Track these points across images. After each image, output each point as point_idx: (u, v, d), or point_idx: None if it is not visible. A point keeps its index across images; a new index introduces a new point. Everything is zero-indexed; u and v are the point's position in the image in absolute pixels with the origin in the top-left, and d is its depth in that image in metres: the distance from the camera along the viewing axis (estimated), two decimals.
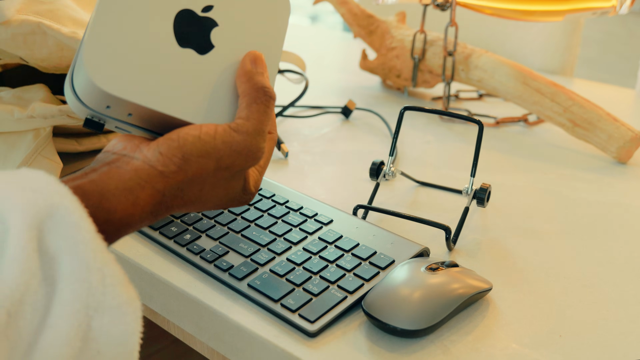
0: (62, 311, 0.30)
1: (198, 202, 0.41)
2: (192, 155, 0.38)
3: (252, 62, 0.42)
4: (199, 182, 0.39)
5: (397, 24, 0.93)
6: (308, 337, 0.42)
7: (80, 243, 0.31)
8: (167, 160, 0.38)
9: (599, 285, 0.48)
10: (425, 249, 0.49)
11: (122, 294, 0.32)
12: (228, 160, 0.39)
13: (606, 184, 0.65)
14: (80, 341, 0.30)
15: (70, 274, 0.30)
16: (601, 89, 1.00)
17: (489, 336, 0.42)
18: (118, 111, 0.39)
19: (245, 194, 0.43)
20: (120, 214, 0.36)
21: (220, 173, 0.40)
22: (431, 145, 0.75)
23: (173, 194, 0.38)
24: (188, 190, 0.39)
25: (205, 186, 0.40)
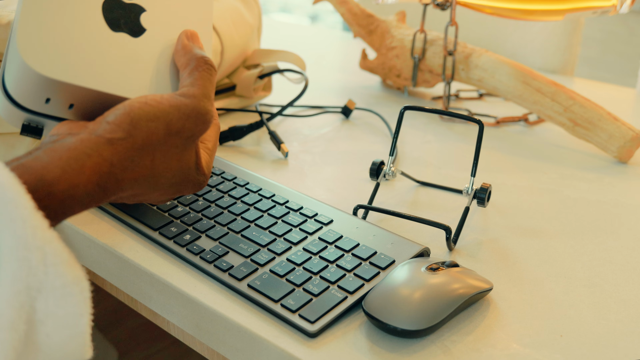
0: (2, 293, 0.28)
1: (151, 177, 0.39)
2: (140, 120, 0.37)
3: (189, 38, 0.43)
4: (149, 151, 0.38)
5: (397, 24, 0.93)
6: (308, 338, 0.41)
7: (17, 219, 0.29)
8: (114, 127, 0.36)
9: (600, 285, 0.48)
10: (426, 249, 0.49)
11: (66, 274, 0.30)
12: (178, 124, 0.38)
13: (607, 184, 0.65)
14: (24, 324, 0.29)
15: (8, 253, 0.29)
16: (602, 88, 1.00)
17: (490, 336, 0.42)
18: (58, 104, 0.38)
19: (199, 174, 0.42)
20: (64, 184, 0.34)
21: (171, 140, 0.38)
22: (431, 145, 0.74)
23: (123, 164, 0.37)
24: (139, 159, 0.37)
25: (157, 155, 0.38)
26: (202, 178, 0.43)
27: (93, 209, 0.57)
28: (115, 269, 0.52)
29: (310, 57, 1.04)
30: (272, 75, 0.81)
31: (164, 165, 0.39)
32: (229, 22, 0.77)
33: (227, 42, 0.75)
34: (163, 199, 0.43)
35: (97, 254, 0.53)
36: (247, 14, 0.83)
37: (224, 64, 0.76)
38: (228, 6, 0.79)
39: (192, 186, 0.42)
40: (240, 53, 0.80)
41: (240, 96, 0.81)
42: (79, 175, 0.34)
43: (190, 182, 0.42)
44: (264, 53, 0.83)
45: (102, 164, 0.35)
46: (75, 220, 0.55)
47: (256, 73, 0.79)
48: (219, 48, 0.74)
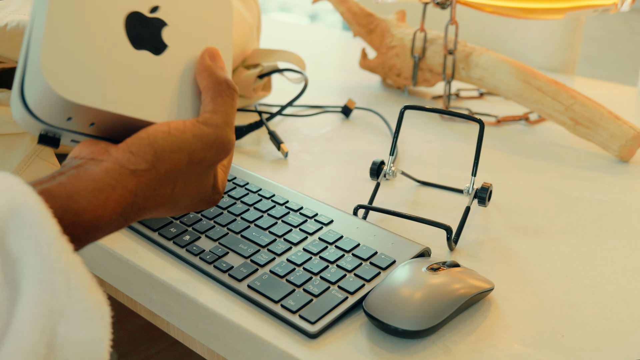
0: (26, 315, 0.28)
1: (170, 203, 0.39)
2: (164, 151, 0.37)
3: (211, 58, 0.42)
4: (171, 181, 0.38)
5: (397, 23, 0.92)
6: (309, 338, 0.41)
7: (43, 243, 0.30)
8: (138, 159, 0.37)
9: (602, 285, 0.48)
10: (427, 249, 0.49)
11: (88, 299, 0.30)
12: (200, 154, 0.39)
13: (608, 183, 0.65)
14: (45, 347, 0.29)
15: (33, 275, 0.29)
16: (603, 87, 0.99)
17: (491, 336, 0.42)
18: (80, 122, 0.38)
19: (214, 193, 0.42)
20: (89, 215, 0.34)
21: (193, 168, 0.39)
22: (432, 145, 0.74)
23: (145, 194, 0.37)
24: (161, 189, 0.38)
25: (178, 184, 0.39)
26: (217, 197, 0.43)
27: None
28: (114, 270, 0.52)
29: (310, 57, 1.04)
30: (272, 75, 0.81)
31: (183, 192, 0.40)
32: None
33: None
34: (175, 214, 0.44)
35: (96, 255, 0.53)
36: (247, 13, 0.83)
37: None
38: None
39: (207, 204, 0.43)
40: (239, 53, 0.79)
41: (239, 96, 0.81)
42: (104, 207, 0.35)
43: (205, 201, 0.42)
44: (264, 53, 0.82)
45: (126, 196, 0.36)
46: None
47: (256, 73, 0.79)
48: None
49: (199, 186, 0.41)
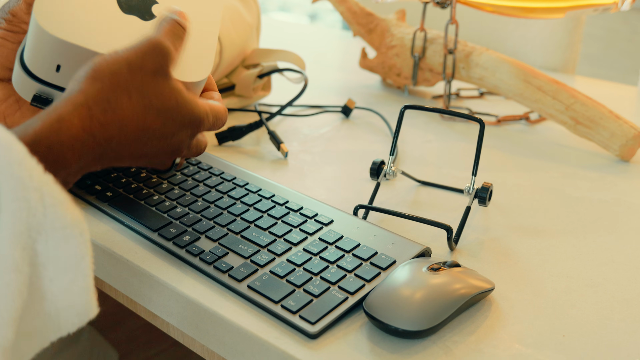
0: (5, 234, 0.29)
1: (136, 121, 0.40)
2: (101, 66, 0.39)
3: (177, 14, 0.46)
4: (121, 90, 0.39)
5: (396, 22, 0.92)
6: (309, 339, 0.41)
7: (13, 163, 0.30)
8: (81, 78, 0.39)
9: (603, 285, 0.48)
10: (427, 249, 0.49)
11: (64, 216, 0.31)
12: (137, 61, 0.40)
13: (609, 182, 0.65)
14: (28, 266, 0.29)
15: (8, 194, 0.30)
16: (603, 87, 0.99)
17: (492, 337, 0.42)
18: (68, 72, 0.42)
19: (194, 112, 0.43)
20: (46, 132, 0.35)
21: (138, 76, 0.40)
22: (432, 144, 0.74)
23: (100, 106, 0.38)
24: (114, 99, 0.39)
25: (133, 94, 0.40)
26: (199, 116, 0.44)
27: (92, 210, 0.56)
28: (114, 271, 0.52)
29: (310, 57, 1.04)
30: (272, 74, 0.81)
31: (143, 102, 0.40)
32: (227, 21, 0.77)
33: (226, 42, 0.75)
34: (166, 150, 0.44)
35: (96, 255, 0.53)
36: (246, 13, 0.82)
37: (222, 63, 0.76)
38: (227, 5, 0.79)
39: (191, 126, 0.43)
40: (239, 53, 0.79)
41: (239, 96, 0.81)
42: (58, 122, 0.36)
43: (187, 124, 0.43)
44: (263, 52, 0.82)
45: (79, 109, 0.37)
46: None
47: (255, 73, 0.79)
48: (217, 48, 0.74)
49: (161, 96, 0.41)
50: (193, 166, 0.61)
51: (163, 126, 0.42)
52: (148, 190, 0.57)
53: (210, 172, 0.60)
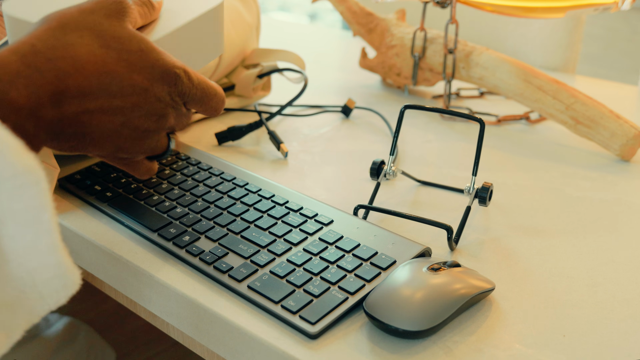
0: None
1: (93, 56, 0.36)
2: (52, 13, 0.37)
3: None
4: (70, 29, 0.36)
5: (396, 22, 0.92)
6: (309, 339, 0.41)
7: None
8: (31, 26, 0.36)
9: (603, 284, 0.48)
10: (427, 249, 0.49)
11: (16, 163, 0.27)
12: (88, 5, 0.37)
13: (609, 182, 0.65)
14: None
15: None
16: (604, 86, 0.99)
17: (492, 337, 0.42)
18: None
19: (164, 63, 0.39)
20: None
21: (89, 17, 0.37)
22: (432, 144, 0.74)
23: (46, 43, 0.35)
24: (63, 36, 0.35)
25: (85, 32, 0.36)
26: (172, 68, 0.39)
27: (91, 210, 0.56)
28: (114, 271, 0.52)
29: (310, 56, 1.04)
30: (272, 74, 0.81)
31: (98, 42, 0.36)
32: (227, 21, 0.76)
33: (225, 42, 0.75)
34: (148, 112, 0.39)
35: (96, 255, 0.53)
36: (246, 13, 0.82)
37: (222, 63, 0.76)
38: (226, 5, 0.79)
39: (165, 80, 0.39)
40: (239, 53, 0.79)
41: (239, 96, 0.81)
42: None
43: (158, 76, 0.39)
44: (263, 52, 0.82)
45: (19, 46, 0.34)
46: (73, 222, 0.55)
47: (255, 72, 0.79)
48: None
49: (120, 40, 0.37)
50: (193, 166, 0.61)
51: (130, 72, 0.37)
52: (148, 191, 0.57)
53: (210, 172, 0.60)
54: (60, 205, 0.58)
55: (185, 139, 0.72)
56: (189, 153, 0.64)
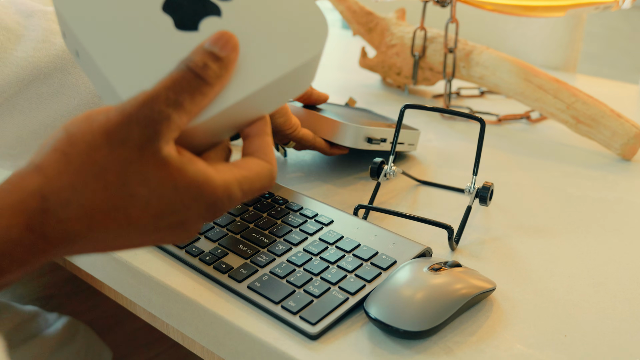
0: None
1: (114, 211, 0.29)
2: (78, 133, 0.29)
3: (213, 42, 0.33)
4: (94, 174, 0.29)
5: (396, 21, 0.92)
6: (309, 340, 0.41)
7: None
8: (46, 148, 0.29)
9: (604, 284, 0.47)
10: (428, 249, 0.48)
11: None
12: (121, 131, 0.29)
13: (610, 181, 0.65)
14: None
15: None
16: (604, 85, 0.99)
17: (493, 337, 0.42)
18: (69, 41, 0.36)
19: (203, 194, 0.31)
20: None
21: (119, 152, 0.29)
22: (432, 144, 0.74)
23: (61, 197, 0.28)
24: (83, 188, 0.29)
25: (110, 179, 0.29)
26: (214, 200, 0.31)
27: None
28: (113, 272, 0.52)
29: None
30: None
31: (125, 191, 0.29)
32: None
33: None
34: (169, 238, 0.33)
35: (95, 256, 0.53)
36: None
37: None
38: None
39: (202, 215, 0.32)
40: None
41: None
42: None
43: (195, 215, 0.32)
44: None
45: (27, 200, 0.27)
46: None
47: None
48: None
49: (152, 185, 0.30)
50: None
51: (158, 220, 0.31)
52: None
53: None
54: None
55: None
56: None
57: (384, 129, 0.63)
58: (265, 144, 0.36)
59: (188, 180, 0.31)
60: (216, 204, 0.32)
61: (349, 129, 0.61)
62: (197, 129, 0.33)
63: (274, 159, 0.35)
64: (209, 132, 0.34)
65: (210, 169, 0.32)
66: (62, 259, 0.62)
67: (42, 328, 0.76)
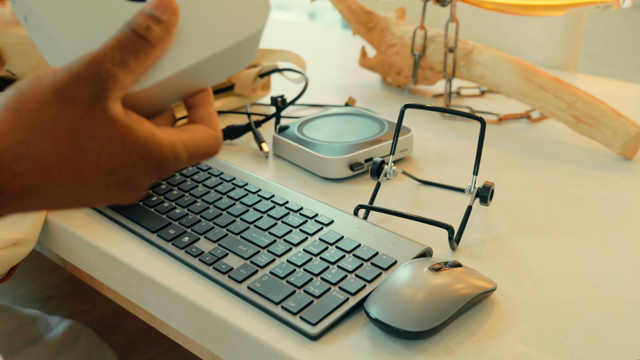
0: None
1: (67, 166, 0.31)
2: (29, 90, 0.31)
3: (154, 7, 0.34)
4: (47, 129, 0.30)
5: (396, 21, 0.92)
6: (309, 340, 0.41)
7: None
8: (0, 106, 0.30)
9: (605, 284, 0.47)
10: (428, 249, 0.48)
11: None
12: (70, 89, 0.31)
13: (611, 181, 0.65)
14: None
15: None
16: (605, 84, 0.99)
17: (494, 337, 0.41)
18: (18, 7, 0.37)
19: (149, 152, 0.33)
20: None
21: (69, 109, 0.31)
22: (433, 143, 0.74)
23: (14, 150, 0.29)
24: (36, 142, 0.30)
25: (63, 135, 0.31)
26: (160, 159, 0.33)
27: (90, 211, 0.56)
28: (113, 273, 0.51)
29: (309, 55, 1.03)
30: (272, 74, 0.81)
31: (76, 147, 0.31)
32: None
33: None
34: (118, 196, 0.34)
35: (95, 257, 0.53)
36: None
37: None
38: None
39: (149, 174, 0.33)
40: None
41: (238, 95, 0.81)
42: None
43: (142, 172, 0.33)
44: (264, 53, 0.82)
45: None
46: (72, 223, 0.55)
47: (255, 72, 0.79)
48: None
49: (102, 141, 0.31)
50: (192, 167, 0.61)
51: (108, 176, 0.32)
52: (147, 192, 0.57)
53: (209, 173, 0.59)
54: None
55: None
56: None
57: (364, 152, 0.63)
58: (210, 112, 0.38)
59: (135, 138, 0.32)
60: (162, 163, 0.34)
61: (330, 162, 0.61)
62: (142, 94, 0.35)
63: (219, 127, 0.38)
64: (154, 98, 0.36)
65: (156, 129, 0.34)
66: (61, 259, 0.62)
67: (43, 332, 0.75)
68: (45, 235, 0.58)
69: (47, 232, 0.57)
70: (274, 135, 0.68)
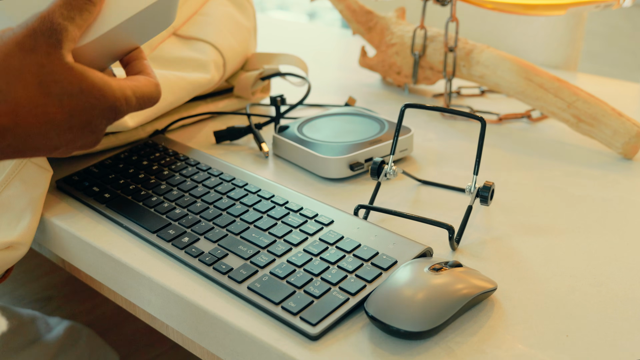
0: None
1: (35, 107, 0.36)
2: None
3: None
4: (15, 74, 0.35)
5: (396, 20, 0.92)
6: (310, 340, 0.41)
7: None
8: None
9: (606, 284, 0.47)
10: (428, 249, 0.48)
11: None
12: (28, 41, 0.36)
13: (612, 181, 0.64)
14: None
15: None
16: (605, 84, 0.99)
17: (495, 337, 0.41)
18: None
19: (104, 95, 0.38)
20: None
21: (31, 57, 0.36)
22: (433, 143, 0.74)
23: None
24: (7, 86, 0.35)
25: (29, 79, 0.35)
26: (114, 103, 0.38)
27: (90, 212, 0.56)
28: (112, 273, 0.51)
29: (309, 55, 1.03)
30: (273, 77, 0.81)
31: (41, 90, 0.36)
32: (225, 33, 0.76)
33: (228, 54, 0.75)
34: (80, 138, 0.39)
35: (94, 257, 0.53)
36: (242, 17, 0.82)
37: (227, 73, 0.76)
38: (222, 15, 0.78)
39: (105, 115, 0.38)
40: (241, 59, 0.80)
41: (238, 97, 0.81)
42: None
43: (99, 114, 0.38)
44: (266, 57, 0.82)
45: None
46: (71, 224, 0.55)
47: (255, 75, 0.79)
48: (220, 61, 0.74)
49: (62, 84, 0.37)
50: (192, 167, 0.61)
51: (70, 117, 0.37)
52: (146, 192, 0.57)
53: (209, 173, 0.59)
54: (57, 207, 0.57)
55: (183, 136, 0.71)
56: (188, 154, 0.63)
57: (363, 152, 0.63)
58: (145, 65, 0.44)
59: (91, 83, 0.38)
60: (116, 105, 0.39)
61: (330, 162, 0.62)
62: (86, 48, 0.40)
63: (156, 76, 0.43)
64: (95, 53, 0.41)
65: (107, 77, 0.39)
66: (60, 259, 0.62)
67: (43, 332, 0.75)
68: (45, 235, 0.58)
69: (47, 232, 0.57)
70: (274, 135, 0.68)
